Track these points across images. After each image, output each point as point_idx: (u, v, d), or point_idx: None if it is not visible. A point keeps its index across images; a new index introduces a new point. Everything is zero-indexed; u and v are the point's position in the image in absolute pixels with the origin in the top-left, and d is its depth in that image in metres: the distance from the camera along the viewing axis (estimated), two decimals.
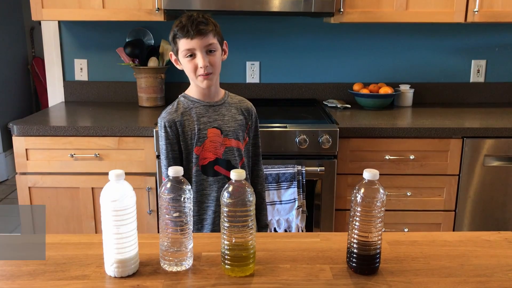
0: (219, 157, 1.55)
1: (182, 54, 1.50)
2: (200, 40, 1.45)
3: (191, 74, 1.51)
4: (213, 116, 1.56)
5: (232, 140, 1.57)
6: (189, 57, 1.49)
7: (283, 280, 1.04)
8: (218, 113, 1.57)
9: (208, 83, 1.51)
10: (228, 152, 1.56)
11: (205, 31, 1.46)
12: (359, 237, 1.04)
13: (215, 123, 1.55)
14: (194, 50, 1.47)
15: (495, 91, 2.87)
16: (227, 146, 1.56)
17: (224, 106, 1.59)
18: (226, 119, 1.57)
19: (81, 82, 2.85)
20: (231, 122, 1.57)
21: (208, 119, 1.55)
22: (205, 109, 1.56)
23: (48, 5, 2.38)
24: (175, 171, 1.06)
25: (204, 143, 1.54)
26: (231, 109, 1.60)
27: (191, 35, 1.45)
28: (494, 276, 1.06)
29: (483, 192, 2.32)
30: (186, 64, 1.51)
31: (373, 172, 1.02)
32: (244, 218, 1.03)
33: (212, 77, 1.51)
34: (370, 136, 2.24)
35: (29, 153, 2.24)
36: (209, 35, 1.47)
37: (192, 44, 1.46)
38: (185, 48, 1.47)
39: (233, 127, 1.57)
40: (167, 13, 2.40)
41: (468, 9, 2.40)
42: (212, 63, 1.49)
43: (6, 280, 1.04)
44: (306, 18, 2.77)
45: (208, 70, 1.48)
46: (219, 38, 1.53)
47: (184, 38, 1.46)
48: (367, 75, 2.84)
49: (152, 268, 1.09)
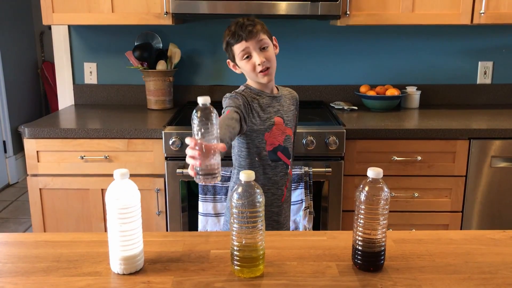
0: (281, 144, 1.65)
1: (239, 58, 1.59)
2: (252, 40, 1.55)
3: (252, 74, 1.60)
4: (276, 106, 1.66)
5: (289, 129, 1.69)
6: (246, 59, 1.58)
7: (290, 277, 1.06)
8: (279, 103, 1.67)
9: (269, 78, 1.61)
10: (286, 140, 1.67)
11: (255, 30, 1.55)
12: (364, 235, 1.06)
13: (278, 112, 1.65)
14: (249, 50, 1.56)
15: (502, 92, 2.87)
16: (287, 134, 1.67)
17: (282, 98, 1.70)
18: (285, 109, 1.68)
19: (91, 86, 2.89)
20: (288, 112, 1.70)
21: (273, 109, 1.64)
22: (270, 99, 1.65)
23: (59, 9, 2.42)
24: (205, 99, 1.10)
25: (272, 130, 1.63)
26: (286, 100, 1.72)
27: (244, 37, 1.55)
28: (499, 273, 1.07)
29: (490, 193, 2.32)
30: (244, 66, 1.59)
31: (377, 170, 1.04)
32: (254, 219, 1.04)
33: (271, 72, 1.61)
34: (377, 137, 2.25)
35: (40, 155, 2.27)
36: (259, 34, 1.56)
37: (245, 45, 1.56)
38: (240, 50, 1.57)
39: (290, 117, 1.70)
40: (175, 17, 2.43)
41: (475, 10, 2.41)
42: (268, 58, 1.58)
43: (21, 276, 1.06)
44: (312, 21, 2.80)
45: (266, 64, 1.57)
46: (268, 34, 1.62)
47: (237, 43, 1.56)
48: (373, 77, 2.86)
49: (162, 265, 1.11)
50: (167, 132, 2.19)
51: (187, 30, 2.82)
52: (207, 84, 2.89)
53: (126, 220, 1.05)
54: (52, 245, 1.21)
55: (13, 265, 1.11)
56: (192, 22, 2.81)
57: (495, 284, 1.03)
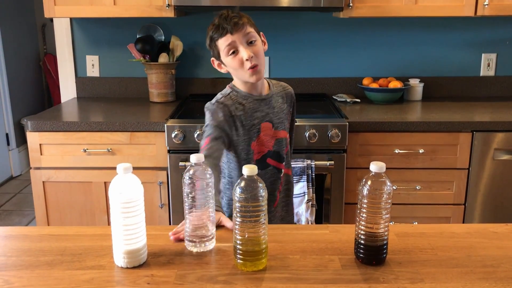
0: (270, 149, 1.55)
1: (224, 53, 1.45)
2: (238, 32, 1.42)
3: (239, 71, 1.46)
4: (265, 110, 1.53)
5: (281, 131, 1.57)
6: (232, 54, 1.44)
7: (293, 270, 1.06)
8: (269, 106, 1.54)
9: (257, 77, 1.46)
10: (277, 143, 1.57)
11: (241, 22, 1.42)
12: (366, 229, 1.06)
13: (267, 116, 1.53)
14: (235, 44, 1.43)
15: (505, 84, 2.86)
16: (277, 138, 1.56)
17: (273, 98, 1.57)
18: (275, 111, 1.56)
19: (93, 78, 2.89)
20: (279, 114, 1.57)
21: (261, 113, 1.52)
22: (257, 103, 1.52)
23: (60, 2, 2.41)
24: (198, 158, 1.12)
25: (259, 137, 1.53)
26: (278, 99, 1.59)
27: (229, 30, 1.41)
28: (501, 267, 1.07)
29: (493, 186, 2.32)
30: (230, 62, 1.45)
31: (379, 164, 1.03)
32: (257, 213, 1.05)
33: (259, 69, 1.46)
34: (380, 130, 2.25)
35: (43, 148, 2.28)
36: (245, 26, 1.43)
37: (231, 38, 1.42)
38: (226, 45, 1.43)
39: (281, 118, 1.57)
40: (177, 9, 2.43)
41: (478, 2, 2.40)
42: (256, 53, 1.44)
43: (25, 269, 1.07)
44: (315, 13, 2.78)
45: (254, 61, 1.43)
46: (255, 28, 1.49)
47: (222, 36, 1.43)
48: (376, 70, 2.85)
49: (166, 258, 1.12)
50: (170, 125, 2.20)
51: (189, 23, 2.81)
52: (209, 76, 2.88)
53: (129, 214, 1.06)
54: (56, 238, 1.22)
55: (17, 258, 1.12)
56: (194, 14, 2.80)
57: (497, 277, 1.03)
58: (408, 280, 1.02)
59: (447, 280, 1.02)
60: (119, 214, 1.06)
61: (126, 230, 1.06)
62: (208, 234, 1.15)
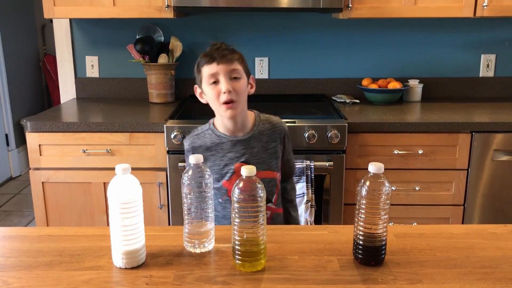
0: None
1: (205, 81, 1.42)
2: (224, 65, 1.39)
3: (215, 103, 1.42)
4: (240, 150, 1.46)
5: (262, 172, 1.45)
6: (213, 84, 1.41)
7: (292, 271, 1.06)
8: (246, 146, 1.47)
9: (232, 113, 1.40)
10: None
11: (230, 56, 1.40)
12: (365, 229, 1.06)
13: (242, 157, 1.46)
14: (218, 76, 1.40)
15: (504, 85, 2.86)
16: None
17: (253, 138, 1.48)
18: (255, 151, 1.47)
19: (92, 79, 2.89)
20: (261, 154, 1.48)
21: (235, 154, 1.46)
22: (231, 144, 1.47)
23: (60, 3, 2.41)
24: (196, 159, 1.13)
25: (232, 178, 1.46)
26: (262, 138, 1.50)
27: (215, 59, 1.39)
28: (499, 268, 1.08)
29: (492, 187, 2.32)
30: (209, 92, 1.42)
31: (378, 165, 1.04)
32: (255, 214, 1.05)
33: (236, 106, 1.40)
34: (379, 131, 2.25)
35: (42, 149, 2.28)
36: (233, 62, 1.40)
37: (215, 68, 1.39)
38: (209, 73, 1.40)
39: (263, 158, 1.48)
40: (177, 10, 2.43)
41: (477, 3, 2.40)
42: (236, 90, 1.39)
43: (24, 270, 1.07)
44: (314, 14, 2.79)
45: (232, 96, 1.38)
46: (245, 68, 1.46)
47: (208, 64, 1.40)
48: (376, 70, 2.85)
49: (164, 259, 1.12)
50: (169, 126, 2.20)
51: (189, 24, 2.81)
52: None
53: (128, 215, 1.06)
54: (54, 239, 1.22)
55: (16, 259, 1.12)
56: (194, 15, 2.80)
57: (496, 278, 1.03)
58: (407, 281, 1.02)
59: (446, 281, 1.02)
60: (117, 215, 1.06)
61: (124, 230, 1.07)
62: (207, 234, 1.15)
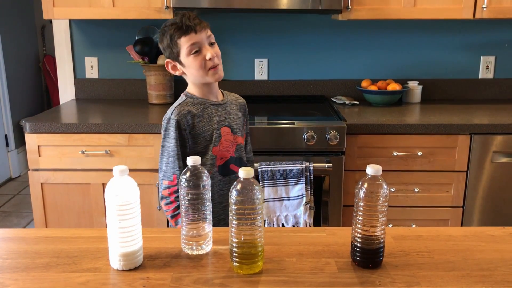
0: (232, 155, 1.54)
1: (185, 52, 1.45)
2: (201, 32, 1.44)
3: (200, 71, 1.47)
4: (223, 115, 1.54)
5: (239, 137, 1.58)
6: (195, 53, 1.45)
7: (289, 273, 1.06)
8: (226, 111, 1.55)
9: (218, 76, 1.48)
10: (238, 149, 1.57)
11: (203, 24, 1.46)
12: (363, 232, 1.06)
13: (225, 121, 1.53)
14: (199, 44, 1.44)
15: (504, 87, 2.86)
16: (237, 143, 1.56)
17: (228, 105, 1.58)
18: (232, 117, 1.57)
19: (92, 80, 2.89)
20: (236, 120, 1.58)
21: (219, 118, 1.52)
22: (215, 108, 1.53)
23: (59, 4, 2.41)
24: (194, 160, 1.12)
25: (221, 142, 1.51)
26: (233, 106, 1.60)
27: (193, 29, 1.42)
28: (497, 270, 1.07)
29: (491, 189, 2.32)
30: (192, 62, 1.46)
31: (376, 167, 1.03)
32: (253, 216, 1.04)
33: (219, 68, 1.48)
34: (378, 132, 2.25)
35: (41, 150, 2.28)
36: (207, 28, 1.47)
37: (195, 38, 1.43)
38: (190, 43, 1.44)
39: (238, 124, 1.58)
40: (176, 11, 2.43)
41: (477, 5, 2.40)
42: (217, 54, 1.47)
43: (21, 272, 1.07)
44: (314, 15, 2.78)
45: (215, 61, 1.46)
46: None
47: (186, 35, 1.43)
48: (375, 72, 2.85)
49: (162, 261, 1.11)
50: None
51: None
52: None
53: (126, 217, 1.06)
54: (52, 240, 1.21)
55: (13, 260, 1.12)
56: None
57: (494, 281, 1.03)
58: (405, 284, 1.02)
59: (444, 284, 1.02)
60: (115, 217, 1.05)
61: (122, 232, 1.06)
62: (204, 236, 1.15)
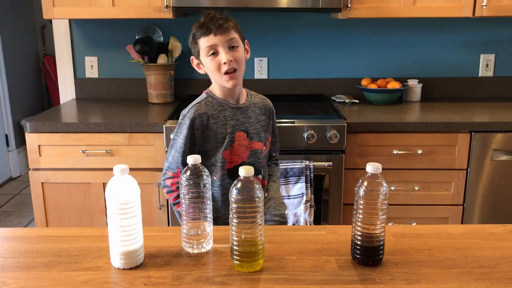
0: (245, 160, 1.51)
1: (204, 53, 1.44)
2: (222, 35, 1.40)
3: (216, 74, 1.45)
4: (240, 119, 1.50)
5: (257, 142, 1.53)
6: (212, 55, 1.42)
7: (290, 271, 1.06)
8: (245, 115, 1.51)
9: (234, 82, 1.44)
10: (252, 155, 1.53)
11: (226, 26, 1.40)
12: (363, 230, 1.07)
13: (242, 126, 1.50)
14: (216, 47, 1.41)
15: (504, 85, 2.86)
16: (252, 149, 1.53)
17: (249, 108, 1.53)
18: (251, 121, 1.52)
19: (92, 79, 2.89)
20: (255, 124, 1.53)
21: (236, 122, 1.49)
22: (233, 112, 1.50)
23: (59, 3, 2.41)
24: (194, 159, 1.12)
25: (232, 147, 1.49)
26: (256, 109, 1.55)
27: (212, 31, 1.39)
28: (497, 268, 1.08)
29: (491, 187, 2.32)
30: (208, 63, 1.44)
31: (375, 165, 1.04)
32: (253, 214, 1.05)
33: (237, 75, 1.44)
34: (378, 131, 2.25)
35: (41, 150, 2.28)
36: (230, 30, 1.41)
37: (213, 40, 1.40)
38: (207, 45, 1.41)
39: (257, 129, 1.53)
40: (176, 10, 2.43)
41: (476, 3, 2.40)
42: (236, 59, 1.42)
43: (22, 271, 1.07)
44: (313, 14, 2.79)
45: (233, 65, 1.42)
46: (241, 35, 1.47)
47: (205, 36, 1.41)
48: (375, 70, 2.85)
49: (162, 260, 1.12)
50: (168, 126, 2.20)
51: (188, 24, 2.76)
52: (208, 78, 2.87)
53: (126, 216, 1.06)
54: (53, 240, 1.22)
55: (14, 260, 1.12)
56: (193, 15, 2.80)
57: (494, 278, 1.03)
58: (405, 281, 1.02)
59: (443, 281, 1.02)
60: (116, 216, 1.06)
61: (122, 231, 1.07)
62: (205, 235, 1.15)
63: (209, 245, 1.17)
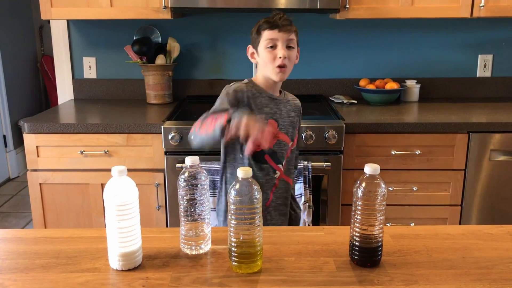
0: (271, 148, 1.60)
1: (263, 45, 1.55)
2: (284, 33, 1.54)
3: (268, 65, 1.56)
4: (274, 108, 1.61)
5: (283, 134, 1.64)
6: (270, 48, 1.55)
7: (288, 273, 1.06)
8: (278, 107, 1.63)
9: (282, 77, 1.57)
10: (278, 144, 1.62)
11: (290, 27, 1.55)
12: (361, 231, 1.07)
13: (274, 115, 1.61)
14: (277, 41, 1.54)
15: (501, 85, 2.87)
16: (279, 139, 1.63)
17: (282, 103, 1.65)
18: (283, 113, 1.63)
19: (90, 80, 2.89)
20: (285, 118, 1.64)
21: (270, 110, 1.60)
22: (269, 100, 1.61)
23: (57, 4, 2.41)
24: (193, 160, 1.13)
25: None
26: (287, 105, 1.67)
27: (278, 26, 1.53)
28: (495, 268, 1.08)
29: (489, 187, 2.33)
30: (265, 54, 1.56)
31: (373, 166, 1.04)
32: (251, 216, 1.05)
33: (286, 71, 1.57)
34: (376, 131, 2.25)
35: (39, 150, 2.28)
36: (292, 32, 1.56)
37: (276, 35, 1.53)
38: (269, 37, 1.54)
39: (286, 123, 1.64)
40: (174, 11, 2.43)
41: (474, 3, 2.40)
42: (289, 57, 1.56)
43: (20, 272, 1.07)
44: (312, 15, 2.79)
45: (285, 62, 1.54)
46: (297, 40, 1.61)
47: (270, 29, 1.54)
48: (373, 71, 2.85)
49: (161, 261, 1.12)
50: (167, 127, 2.20)
51: (186, 24, 2.81)
52: (207, 78, 2.88)
53: (125, 217, 1.06)
54: (51, 241, 1.22)
55: (12, 261, 1.12)
56: (191, 16, 2.80)
57: (492, 279, 1.03)
58: (403, 282, 1.02)
59: (442, 282, 1.02)
60: (114, 217, 1.06)
61: (121, 232, 1.06)
62: (203, 236, 1.15)
63: (207, 246, 1.17)
